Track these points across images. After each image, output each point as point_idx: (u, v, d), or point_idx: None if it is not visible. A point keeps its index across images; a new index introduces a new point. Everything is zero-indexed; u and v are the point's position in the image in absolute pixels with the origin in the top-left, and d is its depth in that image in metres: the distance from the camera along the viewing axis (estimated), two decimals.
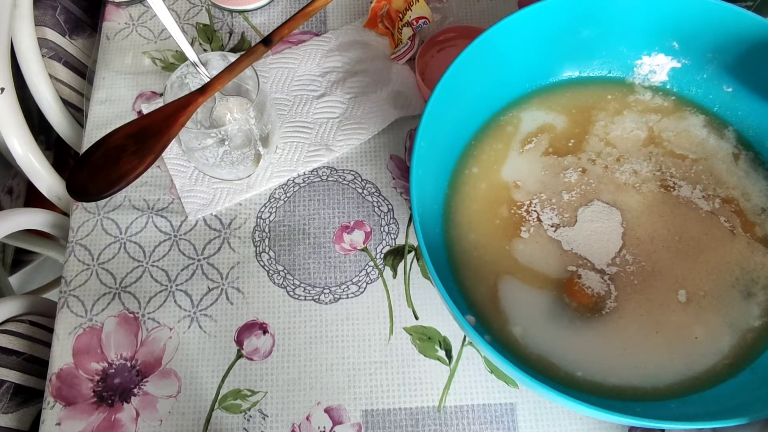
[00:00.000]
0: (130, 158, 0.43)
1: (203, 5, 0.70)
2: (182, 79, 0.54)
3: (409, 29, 0.63)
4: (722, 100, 0.55)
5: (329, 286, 0.56)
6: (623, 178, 0.53)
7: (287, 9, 0.70)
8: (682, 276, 0.49)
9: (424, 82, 0.61)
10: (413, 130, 0.62)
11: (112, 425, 0.51)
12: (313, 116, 0.63)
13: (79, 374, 0.53)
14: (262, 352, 0.53)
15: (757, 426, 0.41)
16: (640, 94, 0.57)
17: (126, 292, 0.56)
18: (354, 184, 0.60)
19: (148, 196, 0.60)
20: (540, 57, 0.55)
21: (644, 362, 0.47)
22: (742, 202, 0.52)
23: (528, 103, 0.56)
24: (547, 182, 0.53)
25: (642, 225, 0.51)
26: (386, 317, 0.54)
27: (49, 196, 0.70)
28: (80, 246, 0.58)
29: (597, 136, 0.55)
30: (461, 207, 0.52)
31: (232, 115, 0.56)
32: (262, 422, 0.51)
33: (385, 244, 0.57)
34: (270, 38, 0.50)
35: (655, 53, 0.55)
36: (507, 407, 0.51)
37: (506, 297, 0.49)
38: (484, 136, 0.55)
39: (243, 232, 0.58)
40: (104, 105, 0.64)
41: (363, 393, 0.52)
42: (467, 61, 0.48)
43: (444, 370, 0.53)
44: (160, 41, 0.68)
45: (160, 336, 0.54)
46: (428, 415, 0.51)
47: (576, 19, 0.52)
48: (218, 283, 0.56)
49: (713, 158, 0.54)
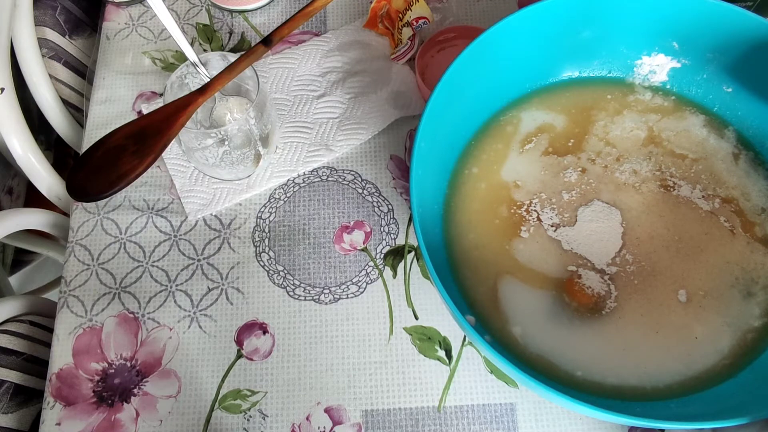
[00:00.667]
0: (129, 158, 0.43)
1: (203, 5, 0.70)
2: (182, 79, 0.54)
3: (409, 29, 0.63)
4: (722, 100, 0.55)
5: (329, 286, 0.56)
6: (623, 178, 0.53)
7: (287, 9, 0.70)
8: (682, 276, 0.49)
9: (424, 82, 0.61)
10: (413, 130, 0.62)
11: (112, 425, 0.51)
12: (313, 116, 0.63)
13: (79, 374, 0.53)
14: (262, 352, 0.53)
15: (757, 426, 0.41)
16: (640, 94, 0.57)
17: (126, 292, 0.56)
18: (354, 184, 0.60)
19: (148, 196, 0.60)
20: (540, 57, 0.55)
21: (644, 362, 0.47)
22: (741, 201, 0.52)
23: (528, 103, 0.56)
24: (547, 182, 0.53)
25: (642, 225, 0.51)
26: (386, 317, 0.54)
27: (49, 196, 0.70)
28: (80, 246, 0.58)
29: (597, 135, 0.55)
30: (461, 207, 0.52)
31: (232, 115, 0.56)
32: (262, 422, 0.51)
33: (385, 244, 0.57)
34: (270, 38, 0.50)
35: (655, 53, 0.55)
36: (507, 407, 0.51)
37: (506, 297, 0.49)
38: (483, 136, 0.55)
39: (243, 232, 0.58)
40: (104, 105, 0.64)
41: (363, 393, 0.52)
42: (467, 61, 0.48)
43: (444, 370, 0.53)
44: (160, 41, 0.68)
45: (160, 336, 0.54)
46: (428, 415, 0.51)
47: (576, 19, 0.52)
48: (218, 283, 0.56)
49: (713, 158, 0.54)
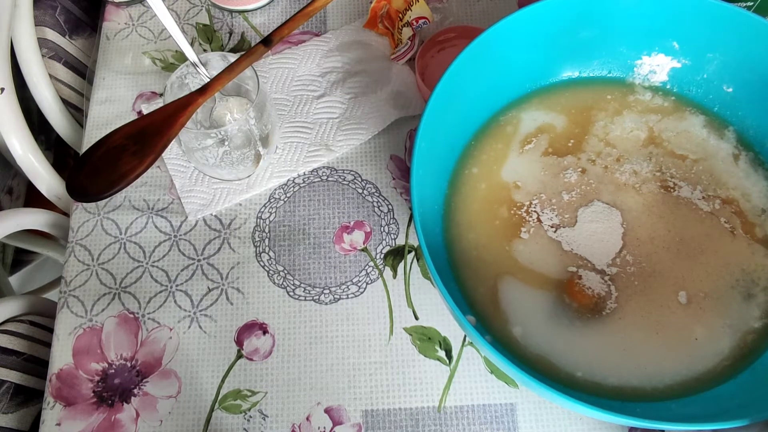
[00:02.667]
0: (130, 158, 0.43)
1: (203, 5, 0.70)
2: (182, 79, 0.54)
3: (409, 29, 0.62)
4: (722, 100, 0.55)
5: (329, 287, 0.56)
6: (623, 179, 0.53)
7: (287, 9, 0.70)
8: (682, 277, 0.49)
9: (424, 82, 0.61)
10: (413, 130, 0.62)
11: (112, 425, 0.51)
12: (313, 116, 0.63)
13: (79, 374, 0.53)
14: (262, 353, 0.53)
15: (757, 427, 0.41)
16: (640, 94, 0.57)
17: (126, 293, 0.56)
18: (354, 184, 0.60)
19: (148, 197, 0.60)
20: (540, 57, 0.55)
21: (644, 363, 0.47)
22: (742, 202, 0.52)
23: (528, 104, 0.56)
24: (547, 182, 0.53)
25: (642, 225, 0.51)
26: (386, 317, 0.54)
27: (49, 196, 0.70)
28: (80, 246, 0.58)
29: (597, 136, 0.55)
30: (461, 207, 0.52)
31: (232, 115, 0.56)
32: (262, 422, 0.51)
33: (385, 245, 0.57)
34: (270, 38, 0.50)
35: (655, 53, 0.55)
36: (507, 407, 0.51)
37: (506, 297, 0.49)
38: (483, 136, 0.55)
39: (243, 232, 0.58)
40: (104, 105, 0.64)
41: (363, 393, 0.52)
42: (467, 61, 0.48)
43: (444, 371, 0.53)
44: (160, 41, 0.68)
45: (160, 336, 0.54)
46: (428, 416, 0.51)
47: (576, 19, 0.52)
48: (218, 283, 0.56)
49: (713, 158, 0.54)
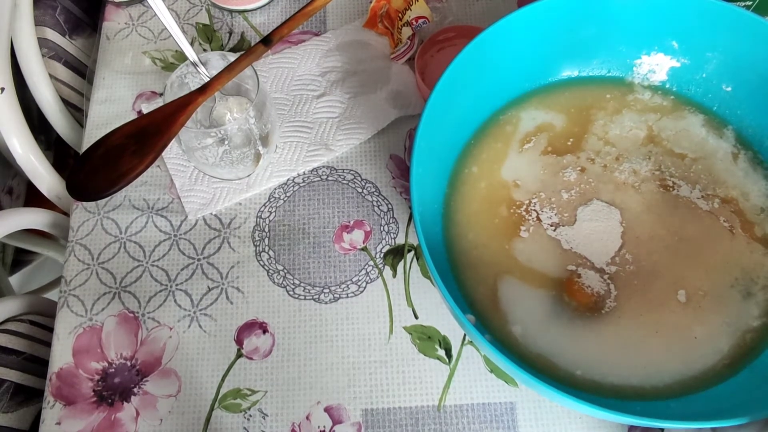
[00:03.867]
0: (129, 158, 0.43)
1: (203, 5, 0.70)
2: (182, 78, 0.54)
3: (408, 29, 0.63)
4: (721, 99, 0.55)
5: (329, 286, 0.56)
6: (622, 178, 0.53)
7: (287, 9, 0.70)
8: (681, 276, 0.49)
9: (424, 82, 0.61)
10: (413, 129, 0.62)
11: (112, 424, 0.51)
12: (312, 116, 0.63)
13: (79, 374, 0.53)
14: (262, 352, 0.54)
15: (756, 426, 0.41)
16: (639, 94, 0.57)
17: (126, 292, 0.56)
18: (354, 183, 0.60)
19: (148, 196, 0.60)
20: (539, 56, 0.55)
21: (644, 361, 0.47)
22: (741, 201, 0.52)
23: (527, 103, 0.56)
24: (547, 181, 0.53)
25: (641, 224, 0.51)
26: (386, 316, 0.55)
27: (49, 196, 0.70)
28: (80, 246, 0.58)
29: (596, 135, 0.55)
30: (461, 206, 0.52)
31: (232, 114, 0.56)
32: (262, 421, 0.51)
33: (384, 244, 0.57)
34: (270, 38, 0.50)
35: (655, 52, 0.55)
36: (507, 406, 0.51)
37: (506, 296, 0.49)
38: (483, 135, 0.55)
39: (243, 231, 0.58)
40: (104, 105, 0.64)
41: (363, 392, 0.52)
42: (466, 60, 0.48)
43: (444, 370, 0.53)
44: (160, 41, 0.68)
45: (160, 335, 0.54)
46: (428, 414, 0.51)
47: (575, 18, 0.52)
48: (218, 282, 0.56)
49: (712, 157, 0.54)
